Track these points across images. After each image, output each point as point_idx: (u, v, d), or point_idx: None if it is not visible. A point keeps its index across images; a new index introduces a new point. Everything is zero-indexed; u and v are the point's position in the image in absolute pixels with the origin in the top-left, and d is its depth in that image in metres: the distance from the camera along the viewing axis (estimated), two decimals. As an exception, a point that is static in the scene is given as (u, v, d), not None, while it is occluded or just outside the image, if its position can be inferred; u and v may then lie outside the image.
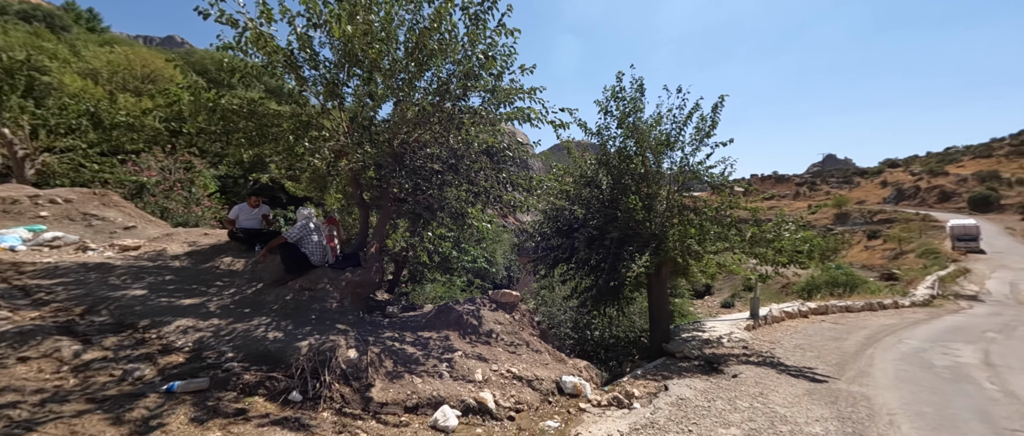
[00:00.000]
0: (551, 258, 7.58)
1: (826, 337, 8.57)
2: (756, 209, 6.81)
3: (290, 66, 3.97)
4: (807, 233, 6.44)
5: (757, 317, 9.12)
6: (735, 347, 6.84)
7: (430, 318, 4.43)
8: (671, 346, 6.64)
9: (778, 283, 30.88)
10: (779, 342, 7.60)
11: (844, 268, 22.55)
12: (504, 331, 4.79)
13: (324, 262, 4.60)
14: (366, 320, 4.22)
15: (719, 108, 7.50)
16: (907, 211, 47.67)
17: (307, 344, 3.21)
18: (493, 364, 3.84)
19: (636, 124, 7.43)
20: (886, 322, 11.18)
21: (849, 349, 7.62)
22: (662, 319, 7.08)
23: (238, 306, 3.83)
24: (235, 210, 5.37)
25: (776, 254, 6.25)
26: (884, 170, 69.98)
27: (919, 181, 57.72)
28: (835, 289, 17.82)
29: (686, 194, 7.64)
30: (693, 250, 6.22)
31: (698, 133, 7.44)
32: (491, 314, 4.95)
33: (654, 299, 7.12)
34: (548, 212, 7.58)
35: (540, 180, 5.64)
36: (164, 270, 4.39)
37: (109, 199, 6.75)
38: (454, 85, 4.07)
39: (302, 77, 4.10)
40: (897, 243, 35.44)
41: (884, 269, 29.09)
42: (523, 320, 5.21)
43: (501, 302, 5.25)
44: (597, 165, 7.58)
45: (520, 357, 4.29)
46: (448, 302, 4.85)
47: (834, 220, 50.75)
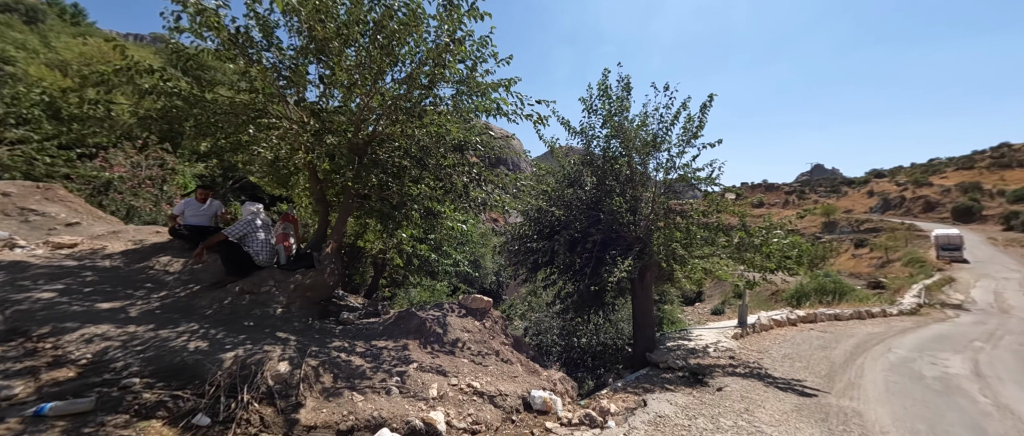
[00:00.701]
0: (530, 261, 7.23)
1: (814, 346, 8.33)
2: (743, 213, 6.56)
3: (235, 45, 3.60)
4: (795, 238, 6.19)
5: (745, 325, 8.86)
6: (722, 357, 6.54)
7: (388, 325, 4.04)
8: (655, 356, 6.32)
9: (767, 290, 30.94)
10: (767, 351, 7.32)
11: (833, 276, 22.55)
12: (472, 340, 4.42)
13: (272, 263, 4.20)
14: (315, 327, 3.81)
15: (707, 108, 7.28)
16: (893, 221, 48.45)
17: (233, 356, 2.81)
18: (453, 377, 3.46)
19: (622, 124, 7.16)
20: (874, 330, 11.02)
21: (838, 359, 7.38)
22: (646, 327, 6.77)
23: (165, 311, 3.41)
24: (181, 205, 4.92)
25: (764, 260, 5.98)
26: (870, 180, 71.25)
27: (904, 191, 58.80)
28: (824, 297, 17.73)
29: (674, 199, 7.37)
30: (678, 255, 5.93)
31: (685, 133, 7.20)
32: (459, 321, 4.58)
33: (638, 305, 6.81)
34: (529, 213, 7.25)
35: (515, 178, 5.30)
36: (89, 270, 3.95)
37: (54, 193, 6.25)
38: (419, 72, 3.73)
39: (250, 59, 3.73)
40: (884, 252, 35.85)
41: (871, 277, 29.27)
42: (494, 328, 4.84)
43: (471, 308, 4.88)
44: (581, 165, 7.28)
45: (486, 369, 3.92)
46: (410, 308, 4.46)
47: (822, 228, 51.34)
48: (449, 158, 4.90)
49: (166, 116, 3.93)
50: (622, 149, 7.22)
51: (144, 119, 3.83)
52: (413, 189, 4.32)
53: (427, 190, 4.09)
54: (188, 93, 4.02)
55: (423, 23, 3.60)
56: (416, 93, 4.04)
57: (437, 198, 4.80)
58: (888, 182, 66.84)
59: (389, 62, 3.82)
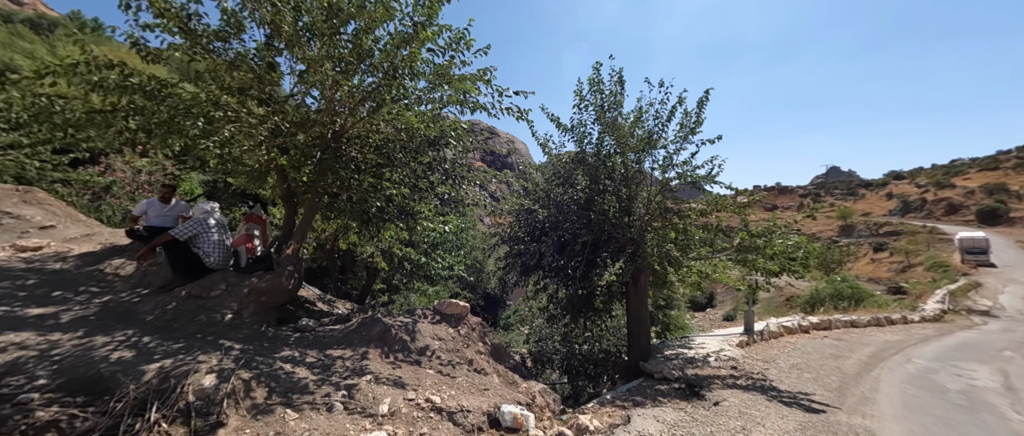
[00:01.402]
0: (519, 264, 6.90)
1: (826, 355, 7.78)
2: (745, 213, 6.13)
3: (184, 31, 3.39)
4: (801, 238, 5.75)
5: (752, 332, 8.36)
6: (723, 367, 6.09)
7: (349, 333, 3.76)
8: (649, 365, 5.91)
9: (781, 296, 29.95)
10: (774, 361, 6.83)
11: (850, 281, 21.64)
12: (443, 348, 4.10)
13: (226, 265, 3.97)
14: (268, 335, 3.55)
15: (705, 103, 6.91)
16: (914, 224, 46.74)
17: (158, 367, 2.55)
18: (411, 391, 3.15)
19: (615, 119, 6.82)
20: (892, 338, 10.36)
21: (851, 370, 6.85)
22: (640, 334, 6.36)
23: (101, 317, 3.19)
24: (143, 205, 4.75)
25: (767, 262, 5.55)
26: (889, 182, 69.07)
27: (925, 193, 56.79)
28: (840, 303, 16.96)
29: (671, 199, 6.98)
30: (672, 256, 5.54)
31: (682, 129, 6.83)
32: (431, 328, 4.27)
33: (632, 311, 6.41)
34: (517, 214, 6.93)
35: (494, 174, 5.01)
36: (36, 273, 3.77)
37: (33, 196, 6.18)
38: (379, 58, 3.47)
39: (205, 49, 3.52)
40: (904, 256, 34.49)
41: (891, 282, 28.13)
42: (470, 335, 4.52)
43: (446, 314, 4.58)
44: (573, 163, 6.95)
45: (454, 381, 3.60)
46: (375, 313, 4.18)
47: (839, 232, 49.81)
48: (425, 154, 4.64)
49: (127, 112, 3.74)
50: (616, 146, 6.88)
51: (93, 114, 3.65)
52: (388, 187, 4.05)
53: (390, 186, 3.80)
54: (152, 88, 3.84)
55: (381, 6, 3.35)
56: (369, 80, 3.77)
57: (409, 196, 4.53)
58: (908, 184, 64.70)
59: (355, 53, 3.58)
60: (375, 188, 3.43)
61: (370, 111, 3.68)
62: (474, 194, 4.88)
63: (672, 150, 6.88)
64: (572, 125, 6.95)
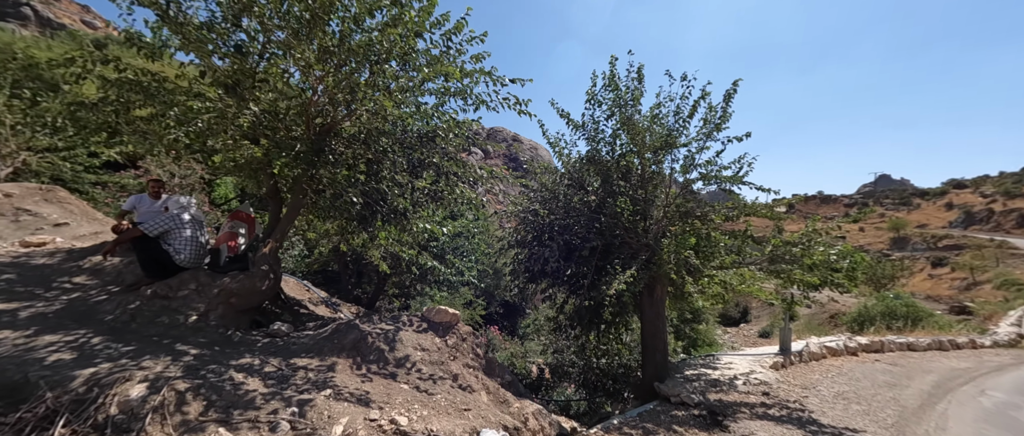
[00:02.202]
0: (523, 269, 6.45)
1: (879, 383, 6.78)
2: (778, 215, 5.41)
3: (164, 17, 3.27)
4: (846, 246, 4.97)
5: (788, 352, 7.45)
6: (753, 392, 5.35)
7: (320, 340, 3.45)
8: (665, 387, 5.26)
9: (824, 313, 27.66)
10: (814, 387, 5.98)
11: (904, 298, 19.57)
12: (426, 360, 3.72)
13: (199, 263, 3.79)
14: (232, 340, 3.30)
15: (732, 96, 6.27)
16: (979, 237, 42.29)
17: (92, 373, 2.31)
18: (376, 409, 2.77)
19: (630, 117, 6.29)
20: (960, 365, 9.02)
21: (911, 402, 5.88)
22: (656, 350, 5.72)
23: (60, 316, 3.04)
24: (131, 200, 4.71)
25: (805, 273, 4.82)
26: (949, 191, 63.15)
27: (992, 204, 51.41)
28: (893, 322, 15.26)
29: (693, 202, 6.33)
30: (691, 264, 4.92)
31: (706, 125, 6.22)
32: (414, 337, 3.91)
33: (647, 325, 5.79)
34: (524, 216, 6.50)
35: (489, 171, 4.63)
36: (15, 269, 3.73)
37: (54, 195, 6.39)
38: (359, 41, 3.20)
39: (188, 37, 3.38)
40: (969, 272, 31.10)
41: (954, 301, 25.35)
42: (460, 347, 4.12)
43: (434, 322, 4.20)
44: (584, 162, 6.46)
45: (431, 398, 3.20)
46: (354, 320, 3.86)
47: (891, 245, 45.85)
48: (418, 150, 4.34)
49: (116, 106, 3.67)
50: (631, 145, 6.34)
51: (75, 106, 3.58)
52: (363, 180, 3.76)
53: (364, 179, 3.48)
54: (148, 82, 3.76)
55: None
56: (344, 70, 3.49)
57: (399, 193, 4.23)
58: (971, 193, 58.86)
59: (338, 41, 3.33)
60: (350, 181, 3.14)
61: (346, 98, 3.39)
62: (468, 193, 4.51)
63: (694, 148, 6.28)
64: (583, 122, 6.48)
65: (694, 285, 4.51)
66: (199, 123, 3.28)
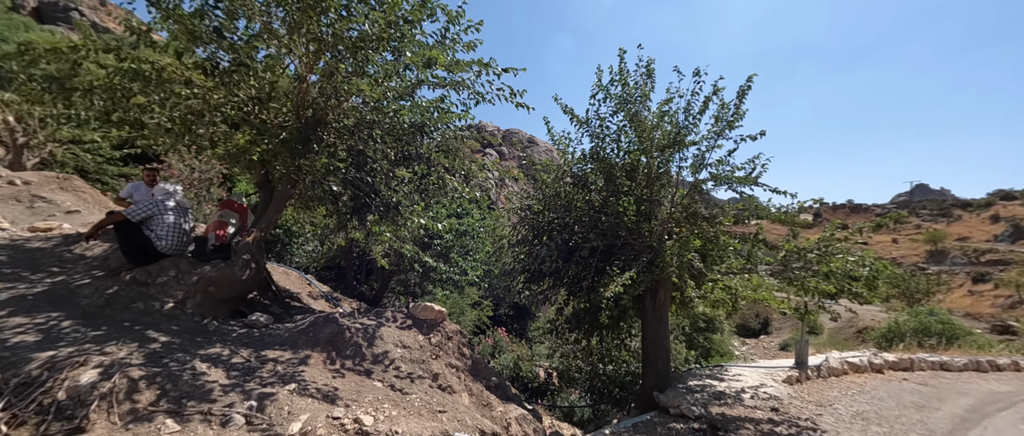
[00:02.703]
0: (521, 269, 6.25)
1: (906, 404, 6.25)
2: (793, 220, 5.03)
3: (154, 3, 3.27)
4: (868, 252, 4.57)
5: (805, 366, 6.98)
6: (760, 407, 4.98)
7: (297, 332, 3.37)
8: (665, 397, 4.96)
9: (851, 327, 26.28)
10: (831, 405, 5.54)
11: (940, 314, 18.34)
12: (406, 358, 3.59)
13: (181, 250, 3.77)
14: (207, 329, 3.25)
15: (746, 93, 5.94)
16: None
17: (50, 356, 2.27)
18: (342, 407, 2.65)
19: (637, 113, 6.03)
20: (999, 389, 8.28)
21: (941, 426, 5.37)
22: (657, 358, 5.41)
23: (38, 299, 3.05)
24: (128, 188, 4.78)
25: (821, 281, 4.44)
26: (995, 203, 59.15)
27: (1043, 216, 47.89)
28: (926, 339, 14.28)
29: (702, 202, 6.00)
30: (694, 268, 4.62)
31: (718, 123, 5.90)
32: (396, 334, 3.78)
33: (648, 331, 5.49)
34: (523, 214, 6.31)
35: (480, 164, 4.47)
36: (9, 251, 3.81)
37: (70, 183, 6.62)
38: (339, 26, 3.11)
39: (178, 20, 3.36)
40: (1015, 290, 29.00)
41: (997, 319, 23.67)
42: (445, 345, 3.97)
43: (418, 318, 4.07)
44: (587, 160, 6.22)
45: (405, 398, 3.06)
46: (334, 313, 3.76)
47: (927, 258, 43.34)
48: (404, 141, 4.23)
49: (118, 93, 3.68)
50: (638, 143, 6.08)
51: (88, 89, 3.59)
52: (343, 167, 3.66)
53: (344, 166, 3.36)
54: (149, 71, 3.79)
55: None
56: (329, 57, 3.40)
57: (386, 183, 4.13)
58: (1021, 205, 54.97)
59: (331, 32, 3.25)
60: (329, 169, 3.05)
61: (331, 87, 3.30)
62: (460, 187, 4.37)
63: (704, 147, 5.96)
64: (587, 118, 6.26)
65: (696, 290, 4.21)
66: (182, 108, 3.26)
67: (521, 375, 11.59)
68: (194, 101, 3.30)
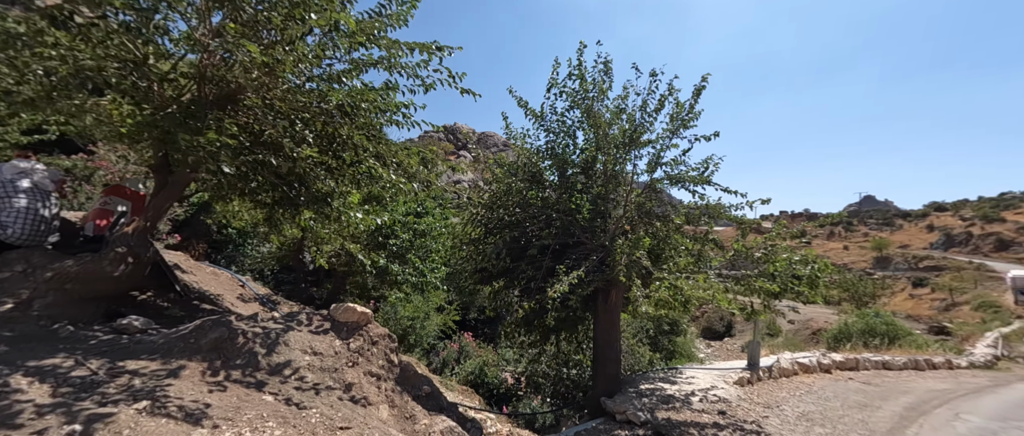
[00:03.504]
0: (473, 269, 5.90)
1: (850, 403, 6.35)
2: (742, 220, 4.97)
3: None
4: (810, 251, 4.54)
5: (756, 368, 7.00)
6: (708, 410, 4.85)
7: (175, 338, 2.86)
8: (612, 403, 4.74)
9: (808, 329, 27.52)
10: (778, 406, 5.51)
11: (884, 316, 19.44)
12: (315, 367, 3.15)
13: (38, 240, 3.20)
14: (58, 334, 2.71)
15: (701, 92, 5.91)
16: (958, 259, 42.96)
17: None
18: (211, 427, 2.20)
19: (591, 107, 5.86)
20: (937, 386, 8.68)
21: (881, 425, 5.44)
22: (608, 361, 5.20)
23: None
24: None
25: (765, 281, 4.37)
26: (930, 213, 64.36)
27: (971, 227, 52.46)
28: (871, 340, 15.00)
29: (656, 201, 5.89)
30: (642, 267, 4.45)
31: (673, 122, 5.83)
32: (307, 339, 3.34)
33: (599, 333, 5.28)
34: (473, 213, 5.98)
35: (416, 151, 4.12)
36: None
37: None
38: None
39: None
40: (948, 293, 31.37)
41: (933, 321, 25.43)
42: (367, 351, 3.55)
43: (338, 321, 3.64)
44: (542, 155, 5.98)
45: (301, 414, 2.62)
46: (226, 316, 3.28)
47: (874, 264, 46.38)
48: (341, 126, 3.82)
49: None
50: (593, 140, 5.91)
51: None
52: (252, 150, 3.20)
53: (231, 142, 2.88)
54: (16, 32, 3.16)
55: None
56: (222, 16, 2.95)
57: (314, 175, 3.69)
58: (951, 216, 60.02)
59: None
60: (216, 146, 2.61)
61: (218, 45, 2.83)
62: (384, 173, 3.98)
63: (660, 147, 5.87)
64: (542, 112, 6.03)
65: (641, 289, 4.02)
66: (39, 71, 2.72)
67: (487, 381, 11.19)
68: (54, 62, 2.76)
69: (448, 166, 5.59)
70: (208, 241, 11.48)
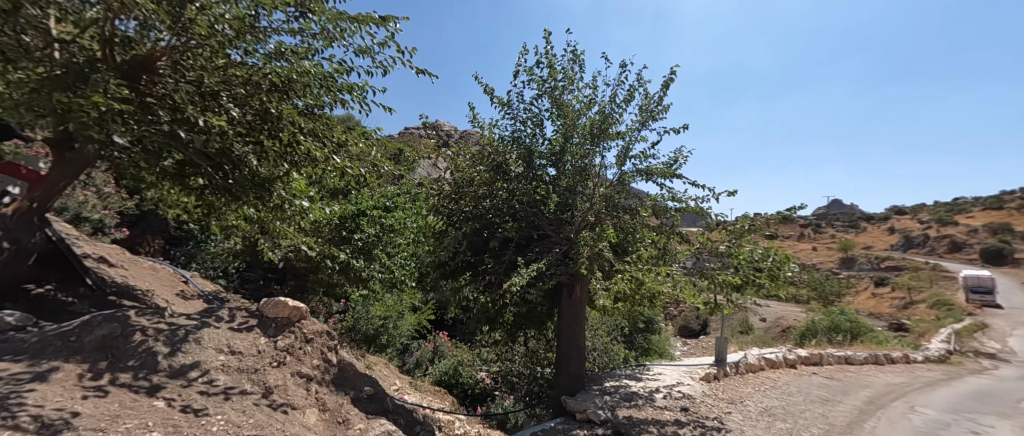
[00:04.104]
0: (436, 264, 5.60)
1: (812, 398, 6.38)
2: (708, 213, 4.85)
3: None
4: (772, 243, 4.47)
5: (723, 364, 6.96)
6: (671, 407, 4.71)
7: (51, 336, 2.47)
8: (573, 402, 4.53)
9: (778, 326, 28.37)
10: (742, 402, 5.44)
11: (848, 313, 20.18)
12: (231, 367, 2.79)
13: None
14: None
15: (670, 84, 5.81)
16: (916, 260, 45.36)
17: None
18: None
19: (562, 99, 5.65)
20: (894, 380, 8.92)
21: (840, 419, 5.45)
22: (571, 360, 5.00)
23: None
24: None
25: (727, 274, 4.25)
26: (891, 217, 67.80)
27: (928, 229, 55.51)
28: (835, 336, 15.48)
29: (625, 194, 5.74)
30: (605, 259, 4.26)
31: (642, 114, 5.70)
32: (226, 336, 2.97)
33: (564, 330, 5.07)
34: (436, 205, 5.67)
35: (361, 131, 3.80)
36: None
37: None
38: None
39: None
40: (907, 292, 32.96)
41: (893, 318, 26.61)
42: (298, 350, 3.21)
43: (267, 318, 3.28)
44: (507, 144, 5.72)
45: (201, 422, 2.28)
46: (121, 310, 2.88)
47: (840, 264, 48.42)
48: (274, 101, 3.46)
49: None
50: (562, 129, 5.71)
51: None
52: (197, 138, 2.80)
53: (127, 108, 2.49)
54: None
55: None
56: None
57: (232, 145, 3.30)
58: (910, 219, 63.38)
59: None
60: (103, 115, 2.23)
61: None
62: (338, 161, 3.66)
63: (628, 139, 5.73)
64: (509, 100, 5.78)
65: (601, 282, 3.81)
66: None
67: (461, 381, 10.89)
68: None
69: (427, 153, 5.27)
70: (166, 237, 10.72)
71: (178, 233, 10.74)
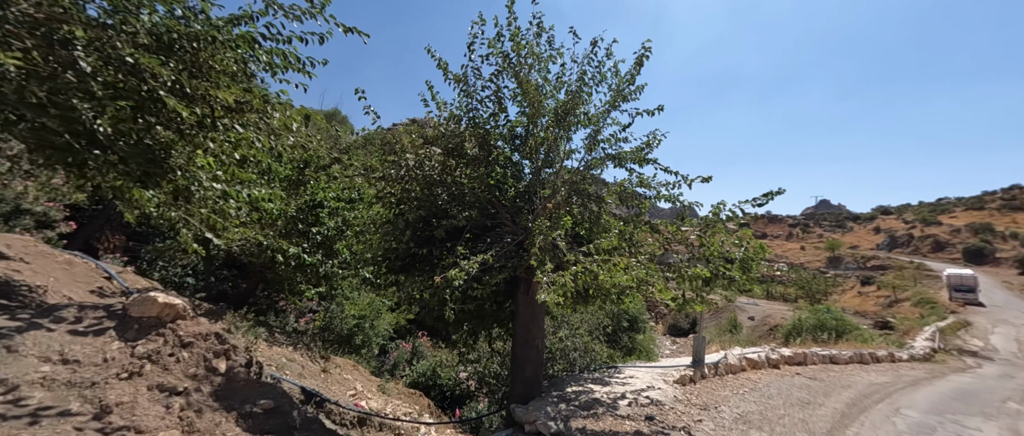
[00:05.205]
0: (382, 258, 5.03)
1: (793, 401, 5.94)
2: (678, 199, 4.35)
3: None
4: (745, 231, 3.98)
5: (701, 364, 6.49)
6: (636, 415, 4.20)
7: None
8: (523, 411, 4.00)
9: (766, 325, 28.27)
10: (717, 407, 4.97)
11: (834, 312, 20.04)
12: (58, 381, 2.20)
13: None
14: None
15: (644, 61, 5.31)
16: (901, 259, 45.95)
17: None
18: None
19: (525, 79, 5.08)
20: (878, 380, 8.58)
21: (821, 425, 5.01)
22: (527, 363, 4.47)
23: None
24: None
25: (699, 266, 3.75)
26: (877, 217, 68.77)
27: (912, 229, 56.36)
28: (820, 334, 15.24)
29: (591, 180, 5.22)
30: (558, 250, 3.73)
31: (613, 94, 5.19)
32: (60, 341, 2.38)
33: (519, 330, 4.53)
34: (380, 193, 5.08)
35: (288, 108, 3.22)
36: None
37: None
38: None
39: None
40: (891, 291, 33.22)
41: (878, 317, 26.68)
42: (167, 357, 2.62)
43: (131, 317, 2.69)
44: (461, 124, 5.16)
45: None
46: None
47: (827, 263, 48.85)
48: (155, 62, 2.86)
49: None
50: (525, 108, 5.16)
51: None
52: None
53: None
54: None
55: None
56: None
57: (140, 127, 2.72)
58: (895, 219, 64.31)
59: None
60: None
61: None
62: (241, 130, 3.08)
63: (598, 123, 5.21)
64: (464, 75, 5.22)
65: (548, 275, 3.28)
66: None
67: (439, 383, 10.36)
68: None
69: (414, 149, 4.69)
70: (127, 233, 9.94)
71: (142, 229, 9.99)
